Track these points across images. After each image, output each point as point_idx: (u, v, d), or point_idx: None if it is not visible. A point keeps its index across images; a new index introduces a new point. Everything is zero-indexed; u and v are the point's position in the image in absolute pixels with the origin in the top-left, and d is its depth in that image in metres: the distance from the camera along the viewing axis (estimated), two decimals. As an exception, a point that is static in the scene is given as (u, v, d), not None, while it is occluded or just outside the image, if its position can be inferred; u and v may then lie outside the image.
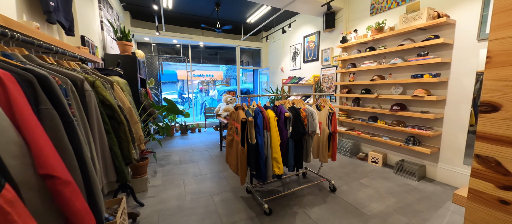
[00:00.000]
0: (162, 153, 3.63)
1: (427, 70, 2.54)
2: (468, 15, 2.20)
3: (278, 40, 5.72)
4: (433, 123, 2.54)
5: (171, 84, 15.00)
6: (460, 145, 2.33)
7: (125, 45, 2.99)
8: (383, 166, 2.98)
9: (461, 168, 2.34)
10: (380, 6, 3.10)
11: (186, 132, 5.30)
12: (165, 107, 3.04)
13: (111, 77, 1.67)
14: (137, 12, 4.91)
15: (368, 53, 3.06)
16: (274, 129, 1.78)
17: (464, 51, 2.24)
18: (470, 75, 2.22)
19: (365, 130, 3.35)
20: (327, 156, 2.27)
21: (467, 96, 2.25)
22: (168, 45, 6.03)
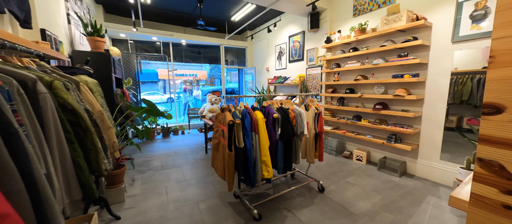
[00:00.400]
0: (141, 159, 3.38)
1: (407, 70, 2.65)
2: (443, 18, 2.32)
3: (263, 40, 5.67)
4: (412, 121, 2.66)
5: (152, 84, 14.29)
6: (437, 142, 2.46)
7: (96, 41, 2.71)
8: (367, 164, 3.07)
9: (438, 163, 2.47)
10: (362, 8, 3.18)
11: (169, 134, 5.03)
12: (144, 109, 2.82)
13: (78, 77, 1.47)
14: (111, 6, 4.53)
15: (352, 54, 3.12)
16: (263, 131, 1.71)
17: (440, 53, 2.37)
18: (445, 76, 2.34)
19: (349, 129, 3.43)
20: (313, 156, 2.26)
21: (443, 95, 2.38)
22: (148, 42, 5.67)
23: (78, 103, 1.06)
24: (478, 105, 2.22)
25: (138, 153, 3.63)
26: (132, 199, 2.16)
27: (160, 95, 12.17)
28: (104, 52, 2.86)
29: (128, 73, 5.19)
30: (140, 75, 5.67)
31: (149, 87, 13.72)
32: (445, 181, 2.40)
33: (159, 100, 11.24)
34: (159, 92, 12.92)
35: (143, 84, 13.62)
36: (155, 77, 14.05)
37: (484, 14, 2.04)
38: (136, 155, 3.53)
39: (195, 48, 7.43)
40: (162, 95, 12.33)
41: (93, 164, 0.95)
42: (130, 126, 3.02)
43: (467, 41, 2.17)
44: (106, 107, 1.72)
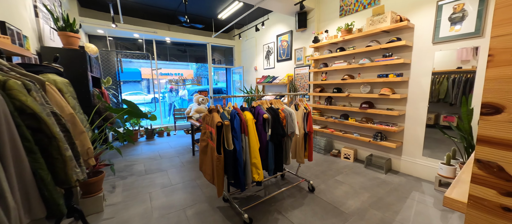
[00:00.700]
0: (123, 163, 3.17)
1: (391, 70, 2.73)
2: (424, 20, 2.41)
3: (251, 38, 5.61)
4: (397, 119, 2.75)
5: (135, 84, 13.63)
6: (420, 139, 2.57)
7: (69, 36, 2.48)
8: (354, 162, 3.13)
9: (420, 159, 2.57)
10: (348, 9, 3.23)
11: (153, 136, 4.80)
12: (125, 110, 2.63)
13: (45, 76, 1.31)
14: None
15: (339, 53, 3.16)
16: (253, 133, 1.65)
17: (422, 53, 2.46)
18: (427, 75, 2.44)
19: (337, 128, 3.48)
20: (303, 156, 2.24)
21: (424, 94, 2.47)
22: (129, 39, 5.36)
23: (43, 105, 0.93)
24: (453, 103, 2.34)
25: (119, 158, 3.40)
26: (112, 208, 1.99)
27: (143, 95, 11.65)
28: (78, 49, 2.63)
29: (108, 72, 4.87)
30: (120, 74, 5.36)
31: (131, 87, 13.09)
32: (427, 176, 2.51)
33: (142, 100, 10.75)
34: (143, 92, 12.36)
35: (125, 83, 12.97)
36: (138, 76, 13.42)
37: (462, 17, 2.15)
38: (117, 160, 3.30)
39: (180, 46, 7.17)
40: (145, 95, 11.81)
41: (61, 175, 0.83)
42: (109, 129, 2.81)
43: (446, 42, 2.27)
44: (80, 109, 1.56)
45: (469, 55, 2.20)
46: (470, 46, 2.13)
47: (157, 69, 5.46)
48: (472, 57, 2.19)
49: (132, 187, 2.40)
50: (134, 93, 11.75)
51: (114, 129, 2.78)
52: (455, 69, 2.29)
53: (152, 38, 5.23)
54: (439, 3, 2.28)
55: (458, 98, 2.30)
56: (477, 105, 2.12)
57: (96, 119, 2.81)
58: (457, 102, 2.30)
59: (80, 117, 1.50)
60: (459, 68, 2.27)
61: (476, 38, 2.09)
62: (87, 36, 4.72)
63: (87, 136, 1.27)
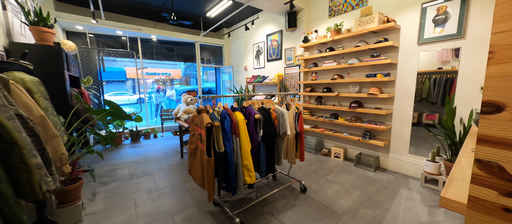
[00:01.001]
0: (105, 168, 2.98)
1: (379, 70, 2.79)
2: (410, 21, 2.48)
3: (241, 38, 5.54)
4: (384, 118, 2.81)
5: (119, 83, 13.04)
6: (406, 137, 2.64)
7: (42, 32, 2.28)
8: (344, 160, 3.17)
9: (407, 157, 2.65)
10: (337, 9, 3.26)
11: (138, 138, 4.58)
12: (106, 111, 2.47)
13: (9, 74, 1.17)
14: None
15: (328, 53, 3.18)
16: (244, 134, 1.59)
17: (408, 54, 2.53)
18: (412, 75, 2.51)
19: (327, 127, 3.51)
20: (295, 156, 2.22)
21: (410, 93, 2.55)
22: (112, 37, 5.08)
23: (5, 107, 0.81)
24: (434, 102, 2.44)
25: (101, 162, 3.20)
26: (92, 217, 1.85)
27: (128, 95, 11.18)
28: (53, 45, 2.42)
29: (88, 71, 4.59)
30: (103, 73, 5.08)
31: (116, 87, 12.52)
32: (413, 173, 2.58)
33: (127, 101, 10.31)
34: (128, 92, 11.86)
35: (108, 83, 12.35)
36: (123, 75, 12.83)
37: (445, 19, 2.23)
38: (99, 164, 3.10)
39: (167, 45, 6.93)
40: (130, 95, 11.36)
41: (25, 187, 0.73)
42: (90, 131, 2.62)
43: (430, 43, 2.35)
44: (53, 111, 1.42)
45: (449, 56, 2.30)
46: (452, 47, 2.21)
47: (142, 68, 5.23)
48: (451, 58, 2.28)
49: (115, 194, 2.25)
50: (118, 94, 11.24)
51: (95, 132, 2.61)
52: (436, 70, 2.39)
53: (137, 36, 5.00)
54: (424, 6, 2.36)
55: (439, 97, 2.40)
56: (459, 104, 2.21)
57: (74, 121, 2.62)
58: (438, 101, 2.40)
59: (53, 119, 1.36)
60: (440, 68, 2.36)
61: (458, 39, 2.17)
62: (64, 32, 4.41)
63: (60, 141, 1.14)
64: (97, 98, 4.39)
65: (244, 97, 5.09)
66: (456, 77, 2.24)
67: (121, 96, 11.24)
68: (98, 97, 4.43)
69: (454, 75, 2.26)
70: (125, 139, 4.60)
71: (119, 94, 11.28)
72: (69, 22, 4.06)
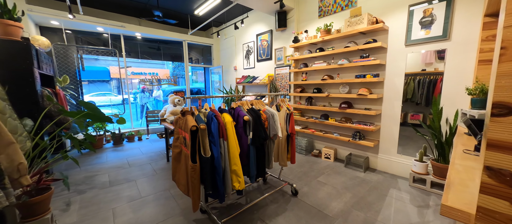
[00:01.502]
0: (82, 174, 2.75)
1: (368, 70, 2.80)
2: (398, 23, 2.51)
3: (230, 37, 5.42)
4: (374, 118, 2.83)
5: (103, 83, 12.41)
6: (394, 137, 2.67)
7: (7, 25, 2.05)
8: (335, 161, 3.16)
9: (395, 157, 2.67)
10: (327, 10, 3.26)
11: (121, 141, 4.33)
12: (83, 113, 2.27)
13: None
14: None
15: (318, 54, 3.16)
16: (232, 137, 1.49)
17: (396, 55, 2.56)
18: (400, 76, 2.54)
19: (317, 128, 3.49)
20: (286, 159, 2.16)
21: (398, 94, 2.58)
22: (93, 34, 4.77)
23: None
24: (418, 102, 2.49)
25: (78, 168, 2.95)
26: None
27: (111, 96, 10.68)
28: (20, 40, 2.19)
29: (66, 70, 4.27)
30: (83, 72, 4.76)
31: (99, 87, 11.92)
32: (402, 173, 2.61)
33: (109, 101, 9.83)
34: (112, 93, 11.32)
35: (90, 83, 11.71)
36: (106, 75, 12.22)
37: (431, 21, 2.27)
38: (76, 171, 2.86)
39: (154, 43, 6.65)
40: (115, 96, 10.85)
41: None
42: (65, 135, 2.40)
43: (417, 45, 2.39)
44: (12, 113, 1.24)
45: (432, 58, 2.35)
46: (438, 49, 2.25)
47: (126, 67, 4.96)
48: (434, 60, 2.34)
49: (91, 203, 2.06)
50: (101, 94, 10.69)
51: (70, 136, 2.39)
52: (420, 71, 2.44)
53: (120, 33, 4.73)
54: (411, 8, 2.39)
55: (423, 97, 2.46)
56: (445, 104, 2.25)
57: (46, 124, 2.38)
58: (422, 102, 2.46)
59: (13, 123, 1.19)
60: (423, 70, 2.42)
61: (443, 41, 2.22)
62: (38, 27, 4.07)
63: (18, 148, 0.99)
64: (75, 98, 4.09)
65: (234, 97, 4.98)
66: (439, 78, 2.29)
67: (104, 96, 10.70)
68: (76, 97, 4.13)
69: (437, 77, 2.31)
70: (107, 142, 4.33)
71: (101, 95, 10.74)
72: (43, 17, 3.74)
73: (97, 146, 3.97)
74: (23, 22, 3.50)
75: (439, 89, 2.36)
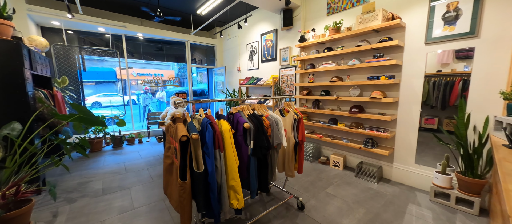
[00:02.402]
0: (76, 180, 2.62)
1: (382, 72, 2.56)
2: (417, 19, 2.26)
3: (234, 37, 5.26)
4: (388, 124, 2.58)
5: (110, 84, 12.51)
6: (412, 145, 2.41)
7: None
8: (344, 169, 2.92)
9: (413, 167, 2.42)
10: (336, 6, 3.03)
11: (121, 144, 4.21)
12: (75, 116, 2.14)
13: None
14: (38, -16, 3.56)
15: (327, 54, 2.94)
16: (230, 147, 1.30)
17: (414, 54, 2.31)
18: (419, 77, 2.29)
19: (325, 133, 3.26)
20: (293, 169, 1.94)
21: (417, 98, 2.32)
22: (95, 34, 4.70)
23: None
24: (433, 105, 2.25)
25: (73, 172, 2.83)
26: (44, 248, 1.51)
27: (114, 97, 10.73)
28: (10, 39, 2.08)
29: (67, 71, 4.20)
30: (87, 72, 4.71)
31: (106, 88, 12.03)
32: (421, 185, 2.35)
33: (109, 102, 9.88)
34: (118, 94, 11.38)
35: (99, 84, 11.82)
36: (113, 76, 12.32)
37: (456, 16, 2.02)
38: (70, 176, 2.74)
39: (157, 43, 6.57)
40: (120, 96, 10.90)
41: None
42: (55, 139, 2.27)
43: (439, 43, 2.14)
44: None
45: (449, 58, 2.12)
46: (465, 47, 2.00)
47: (127, 68, 4.87)
48: (451, 60, 2.12)
49: (80, 214, 1.91)
50: (108, 94, 10.77)
51: (62, 140, 2.26)
52: (435, 72, 2.20)
53: (122, 33, 4.64)
54: (432, 3, 2.14)
55: (438, 100, 2.23)
56: (472, 110, 1.99)
57: (38, 127, 2.26)
58: (438, 105, 2.24)
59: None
60: (439, 71, 2.19)
61: (470, 38, 1.96)
62: (39, 28, 4.02)
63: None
64: (74, 100, 4.00)
65: (238, 101, 4.80)
66: (458, 80, 2.09)
67: (111, 97, 10.78)
68: (75, 99, 4.04)
69: (455, 78, 2.11)
70: (107, 144, 4.22)
71: (109, 95, 10.81)
72: (44, 17, 3.67)
73: (96, 148, 3.86)
74: (23, 22, 3.43)
75: (457, 91, 2.13)
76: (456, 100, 2.15)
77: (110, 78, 12.55)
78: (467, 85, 2.02)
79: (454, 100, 2.15)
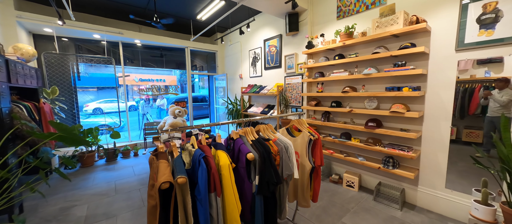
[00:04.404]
0: (59, 205, 2.33)
1: (403, 82, 2.26)
2: (444, 22, 1.97)
3: (236, 43, 5.02)
4: (411, 142, 2.26)
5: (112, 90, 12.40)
6: (441, 166, 2.08)
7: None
8: (359, 191, 2.59)
9: (443, 192, 2.08)
10: (347, 9, 2.76)
11: (115, 158, 3.94)
12: (54, 135, 1.87)
13: None
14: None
15: (338, 61, 2.66)
16: (230, 189, 1.00)
17: (441, 62, 2.01)
18: (449, 88, 1.98)
19: (337, 148, 2.94)
20: (309, 198, 1.64)
21: (447, 112, 2.01)
22: (91, 41, 4.51)
23: None
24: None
25: (58, 193, 2.55)
26: None
27: (121, 102, 10.57)
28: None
29: (60, 80, 3.98)
30: (85, 78, 4.53)
31: (108, 94, 11.90)
32: (453, 215, 2.02)
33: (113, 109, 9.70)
34: (120, 100, 11.23)
35: (100, 90, 11.68)
36: (113, 82, 12.18)
37: (495, 18, 1.72)
38: (52, 198, 2.45)
39: (156, 50, 6.37)
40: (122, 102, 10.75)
41: None
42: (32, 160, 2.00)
43: (474, 49, 1.84)
44: None
45: (468, 64, 1.88)
46: (508, 54, 1.70)
47: (124, 75, 4.65)
48: (470, 66, 1.89)
49: (54, 254, 1.62)
50: (109, 101, 10.60)
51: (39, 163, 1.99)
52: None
53: (118, 40, 4.43)
54: (464, 1, 1.85)
55: (457, 109, 1.98)
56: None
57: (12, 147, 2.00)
58: (456, 114, 2.00)
59: None
60: (457, 77, 1.94)
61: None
62: (31, 35, 3.82)
63: None
64: (65, 111, 3.76)
65: (246, 121, 4.52)
66: (478, 86, 1.89)
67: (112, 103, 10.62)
68: (66, 110, 3.80)
69: (474, 85, 1.91)
70: (100, 158, 3.95)
71: (110, 101, 10.66)
72: (35, 24, 3.47)
73: (88, 163, 3.59)
74: (11, 29, 3.22)
75: (477, 99, 1.92)
76: (477, 109, 1.94)
77: (111, 84, 12.45)
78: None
79: (474, 108, 1.94)
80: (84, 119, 8.36)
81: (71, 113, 4.16)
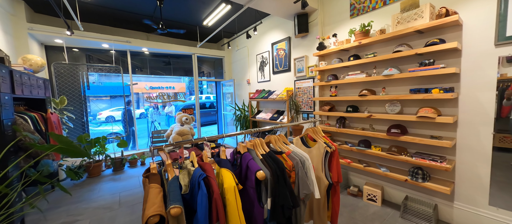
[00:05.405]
0: (61, 219, 2.24)
1: (431, 82, 2.00)
2: (479, 13, 1.72)
3: (243, 48, 4.91)
4: (443, 150, 1.98)
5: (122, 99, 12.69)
6: (483, 180, 1.79)
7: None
8: (382, 205, 2.31)
9: (486, 210, 1.78)
10: (361, 6, 2.56)
11: (122, 167, 3.86)
12: (54, 148, 1.77)
13: None
14: (40, 3, 3.45)
15: (354, 62, 2.44)
16: (235, 217, 0.82)
17: (477, 59, 1.75)
18: (489, 90, 1.71)
19: (355, 157, 2.69)
20: (326, 218, 1.42)
21: (488, 116, 1.73)
22: (100, 51, 4.56)
23: None
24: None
25: (60, 206, 2.46)
26: None
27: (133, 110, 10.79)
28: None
29: (70, 90, 4.02)
30: (98, 87, 4.62)
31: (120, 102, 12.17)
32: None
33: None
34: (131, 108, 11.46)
35: (113, 98, 12.00)
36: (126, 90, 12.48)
37: (546, 5, 1.46)
38: (54, 212, 2.37)
39: (164, 58, 6.41)
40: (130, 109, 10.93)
41: None
42: (31, 174, 1.92)
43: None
44: None
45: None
46: None
47: (131, 83, 4.65)
48: (500, 65, 1.66)
49: None
50: (121, 109, 10.83)
51: (39, 176, 1.89)
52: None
53: (126, 49, 4.45)
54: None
55: None
56: None
57: (14, 160, 1.93)
58: None
59: None
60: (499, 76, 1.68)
61: None
62: (43, 46, 3.90)
63: None
64: (73, 121, 3.76)
65: (256, 132, 4.35)
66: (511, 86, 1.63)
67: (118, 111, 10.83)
68: (74, 120, 3.80)
69: (505, 84, 1.66)
70: (107, 168, 3.89)
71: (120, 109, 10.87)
72: (46, 35, 3.53)
73: (95, 173, 3.53)
74: (23, 41, 3.28)
75: None
76: (510, 112, 1.67)
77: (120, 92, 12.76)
78: None
79: (507, 110, 1.68)
80: (95, 128, 8.52)
81: (80, 122, 4.18)
